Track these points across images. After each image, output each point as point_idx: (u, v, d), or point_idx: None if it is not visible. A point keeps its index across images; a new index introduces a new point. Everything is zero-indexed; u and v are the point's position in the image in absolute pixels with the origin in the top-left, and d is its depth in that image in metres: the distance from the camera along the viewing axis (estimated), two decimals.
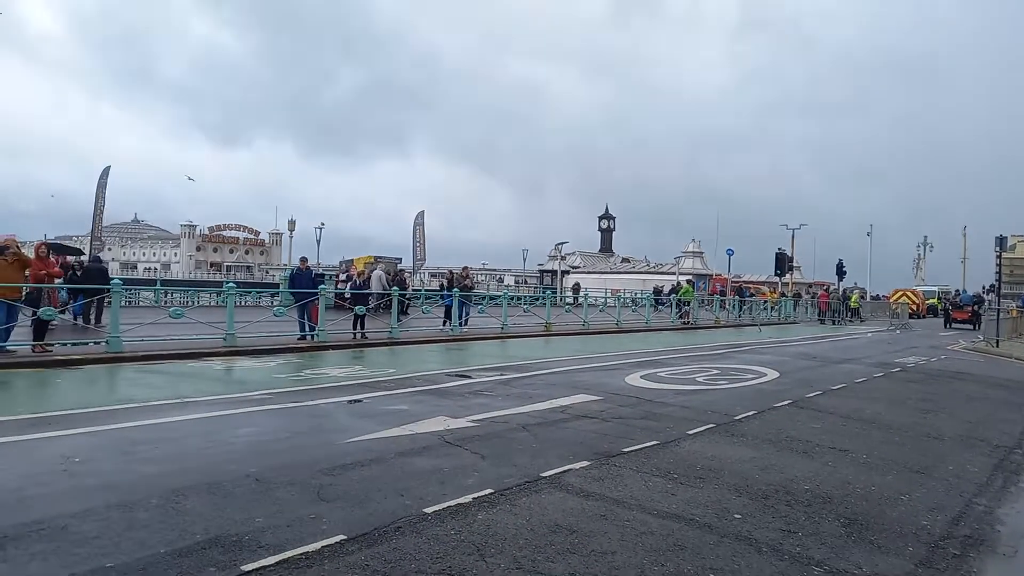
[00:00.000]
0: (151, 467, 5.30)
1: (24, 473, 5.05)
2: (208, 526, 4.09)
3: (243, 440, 6.35)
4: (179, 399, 8.36)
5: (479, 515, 4.46)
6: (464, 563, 3.69)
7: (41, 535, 3.87)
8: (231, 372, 11.33)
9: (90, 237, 41.40)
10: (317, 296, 16.00)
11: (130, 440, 6.14)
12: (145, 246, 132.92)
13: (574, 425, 7.46)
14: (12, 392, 8.92)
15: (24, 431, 6.37)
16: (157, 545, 3.79)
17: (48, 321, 11.90)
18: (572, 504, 4.78)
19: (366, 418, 7.50)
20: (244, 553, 3.71)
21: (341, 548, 3.84)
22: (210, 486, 4.82)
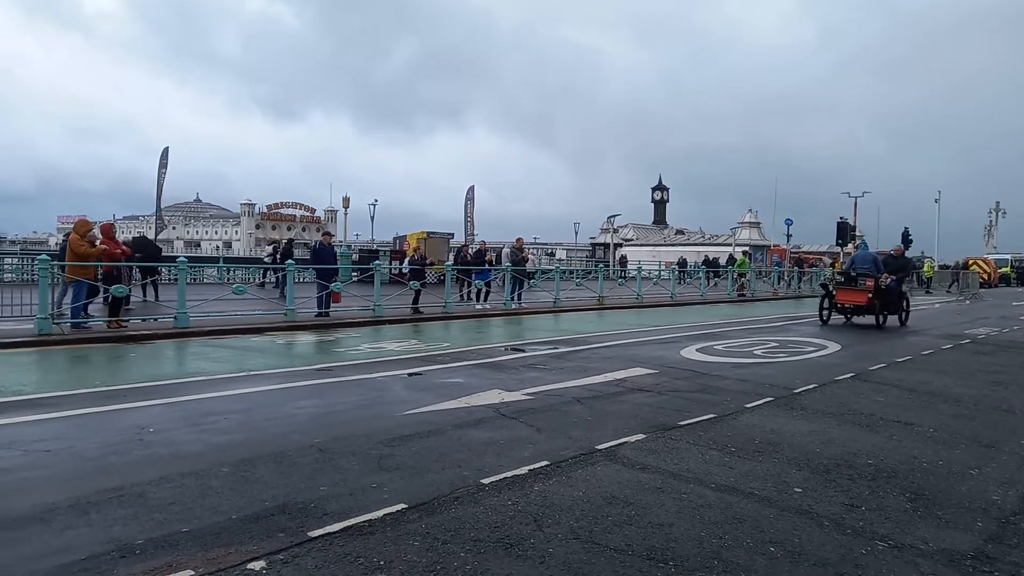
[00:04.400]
0: (221, 437, 5.53)
1: (103, 442, 5.33)
2: (276, 494, 4.25)
3: (306, 412, 6.56)
4: (244, 372, 8.67)
5: (535, 486, 4.52)
6: (522, 533, 3.75)
7: (121, 501, 4.09)
8: (292, 346, 11.67)
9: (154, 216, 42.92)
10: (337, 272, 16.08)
11: (200, 411, 6.41)
12: (207, 225, 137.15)
13: (629, 398, 7.44)
14: (90, 366, 9.39)
15: (102, 403, 6.71)
16: (228, 511, 3.96)
17: (121, 298, 12.44)
18: (628, 476, 4.79)
19: (423, 391, 7.63)
20: (310, 520, 3.85)
21: (402, 516, 3.94)
22: (276, 455, 5.00)
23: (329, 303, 15.49)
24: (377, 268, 16.83)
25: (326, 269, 16.00)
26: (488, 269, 19.79)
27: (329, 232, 19.32)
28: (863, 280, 16.01)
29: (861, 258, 17.25)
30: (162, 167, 36.17)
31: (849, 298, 16.35)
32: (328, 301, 15.45)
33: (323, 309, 15.33)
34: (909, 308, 17.54)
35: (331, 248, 17.38)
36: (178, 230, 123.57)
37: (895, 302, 16.60)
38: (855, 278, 16.26)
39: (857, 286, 16.13)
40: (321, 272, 15.99)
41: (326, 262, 16.33)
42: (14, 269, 26.64)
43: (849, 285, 16.40)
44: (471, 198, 45.63)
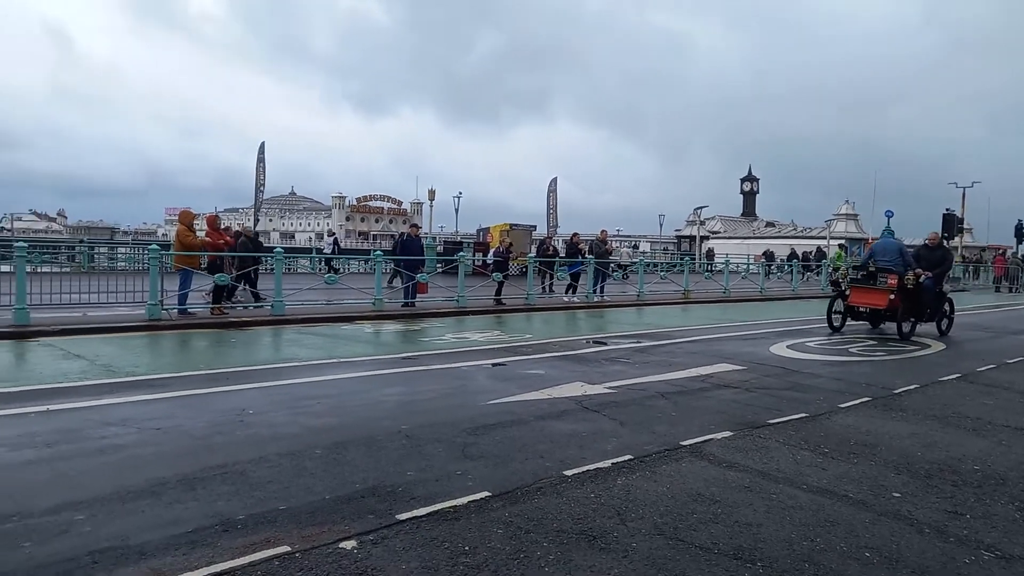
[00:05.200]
0: (314, 421, 5.78)
1: (208, 422, 5.67)
2: (366, 476, 4.40)
3: (394, 398, 6.75)
4: (336, 359, 9.00)
5: (618, 480, 4.50)
6: (605, 526, 3.75)
7: (224, 478, 4.33)
8: (380, 335, 12.02)
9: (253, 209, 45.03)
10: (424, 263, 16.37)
11: (295, 395, 6.71)
12: (301, 217, 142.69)
13: (715, 395, 7.28)
14: (195, 350, 9.98)
15: (207, 385, 7.13)
16: (322, 492, 4.14)
17: (224, 286, 13.14)
18: (714, 474, 4.70)
19: (506, 381, 7.71)
20: (398, 503, 3.97)
21: (486, 504, 4.01)
22: (366, 440, 5.18)
23: (415, 293, 15.85)
24: (461, 260, 17.08)
25: (413, 260, 16.38)
26: (579, 261, 19.71)
27: (416, 224, 19.77)
28: (883, 277, 12.42)
29: (882, 248, 13.10)
30: (260, 162, 37.84)
31: (865, 300, 12.73)
32: (414, 291, 15.81)
33: (409, 299, 15.71)
34: (953, 313, 13.74)
35: (418, 240, 17.76)
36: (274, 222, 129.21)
37: (930, 305, 12.86)
38: (873, 274, 12.62)
39: (876, 284, 12.53)
40: (408, 263, 16.37)
41: (413, 253, 16.71)
42: (127, 258, 28.58)
43: (866, 283, 12.75)
44: (554, 190, 45.54)
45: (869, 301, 12.69)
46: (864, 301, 12.77)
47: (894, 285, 12.23)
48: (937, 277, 12.97)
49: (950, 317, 13.60)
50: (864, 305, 12.78)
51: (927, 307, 12.82)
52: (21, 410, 5.80)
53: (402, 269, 16.35)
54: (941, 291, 13.21)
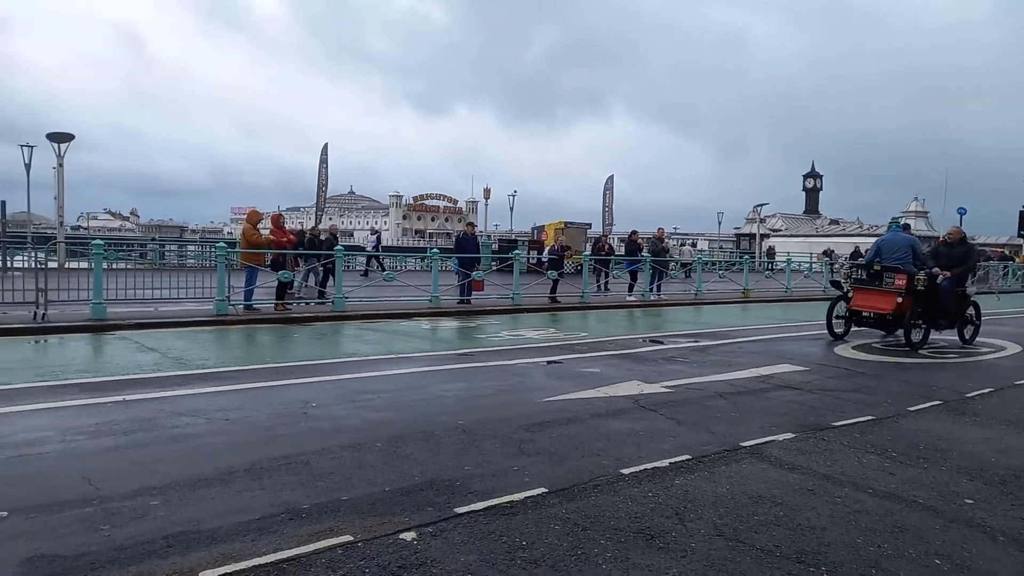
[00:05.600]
0: (374, 414, 5.90)
1: (273, 414, 5.85)
2: (424, 470, 4.48)
3: (451, 394, 6.83)
4: (394, 355, 9.16)
5: (676, 480, 4.45)
6: (663, 525, 3.72)
7: (289, 468, 4.47)
8: (436, 331, 12.17)
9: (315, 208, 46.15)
10: (479, 260, 16.48)
11: (356, 389, 6.86)
12: (359, 215, 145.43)
13: (776, 395, 7.13)
14: (260, 344, 10.30)
15: (272, 378, 7.35)
16: (382, 484, 4.23)
17: (287, 283, 13.52)
18: (775, 476, 4.60)
19: (562, 379, 7.72)
20: (456, 497, 4.03)
21: (543, 500, 4.03)
22: (425, 434, 5.26)
23: (470, 291, 15.99)
24: (516, 257, 17.13)
25: (468, 258, 16.52)
26: (638, 259, 19.53)
27: (472, 223, 19.98)
28: (890, 276, 10.75)
29: (890, 244, 11.14)
30: (322, 162, 38.73)
31: (869, 303, 11.00)
32: (470, 289, 15.95)
33: (465, 296, 15.85)
34: (979, 320, 11.76)
35: (474, 238, 17.91)
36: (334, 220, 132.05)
37: (948, 309, 10.94)
38: (879, 274, 10.93)
39: (882, 285, 10.84)
40: (463, 261, 16.52)
41: (468, 251, 16.86)
42: (195, 255, 29.68)
43: (871, 284, 11.01)
44: (610, 187, 45.19)
45: (873, 304, 10.95)
46: (868, 304, 11.05)
47: (902, 286, 10.52)
48: (957, 278, 11.03)
49: (975, 323, 11.67)
50: (868, 309, 11.03)
51: (945, 312, 10.93)
52: (100, 399, 6.10)
53: (459, 268, 16.54)
54: (964, 293, 11.32)
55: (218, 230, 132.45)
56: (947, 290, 10.84)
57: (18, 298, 11.22)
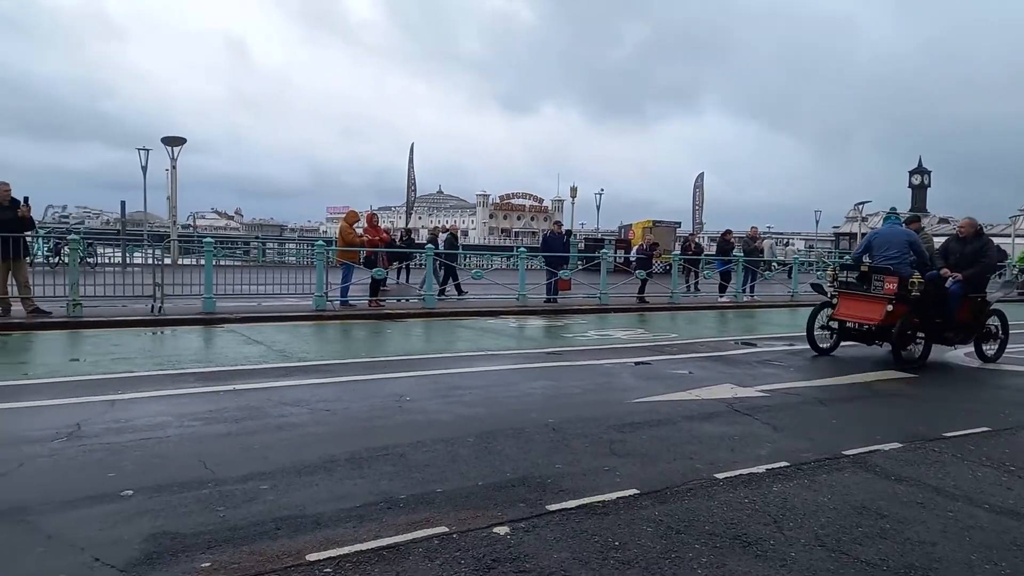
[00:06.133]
0: (465, 409, 6.02)
1: (370, 406, 6.07)
2: (515, 466, 4.54)
3: (539, 392, 6.88)
4: (483, 352, 9.31)
5: (774, 487, 4.33)
6: (760, 532, 3.63)
7: (386, 459, 4.63)
8: (524, 329, 12.26)
9: (405, 208, 47.38)
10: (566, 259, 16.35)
11: (447, 385, 7.02)
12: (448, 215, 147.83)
13: (880, 402, 6.80)
14: (356, 339, 10.68)
15: (367, 372, 7.62)
16: (475, 478, 4.31)
17: (381, 280, 13.96)
18: (881, 487, 4.40)
19: (651, 380, 7.63)
20: (547, 494, 4.06)
21: (635, 501, 4.01)
22: (515, 431, 5.33)
23: (557, 290, 16.01)
24: (603, 257, 17.03)
25: (555, 257, 16.54)
26: (730, 259, 19.03)
27: (559, 221, 19.98)
28: (879, 279, 8.88)
29: (883, 240, 9.12)
30: (410, 162, 39.73)
31: (854, 311, 9.12)
32: (556, 288, 15.98)
33: (551, 295, 15.88)
34: (1007, 333, 9.64)
35: (560, 236, 17.91)
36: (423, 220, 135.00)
37: (959, 320, 9.02)
38: (868, 275, 9.05)
39: (869, 290, 8.96)
40: (550, 260, 16.55)
41: (555, 250, 16.88)
42: (295, 253, 31.04)
43: (858, 288, 9.13)
44: (700, 185, 44.21)
45: (859, 313, 9.04)
46: (853, 313, 9.12)
47: (893, 291, 8.59)
48: (970, 281, 8.97)
49: (1000, 337, 9.59)
50: (852, 319, 9.13)
51: (954, 323, 8.99)
52: (213, 388, 6.50)
53: (546, 267, 16.62)
54: (982, 301, 9.33)
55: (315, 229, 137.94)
56: (957, 296, 8.92)
57: (137, 292, 12.05)
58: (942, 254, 9.36)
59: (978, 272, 9.08)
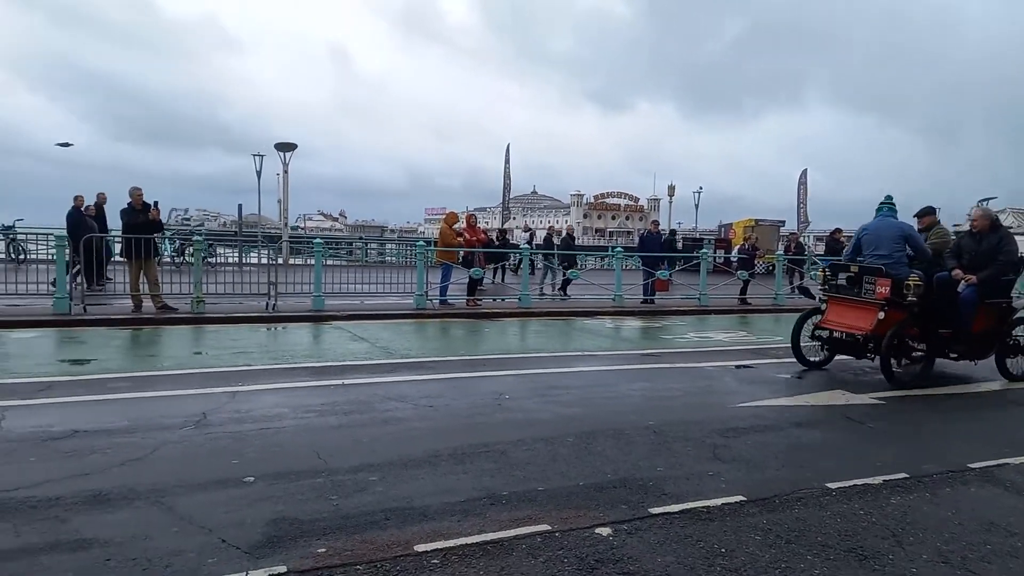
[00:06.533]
0: (564, 409, 6.04)
1: (470, 403, 6.19)
2: (616, 468, 4.52)
3: (638, 394, 6.81)
4: (580, 352, 9.30)
5: (892, 499, 4.11)
6: (878, 546, 3.46)
7: (488, 456, 4.71)
8: (620, 330, 12.15)
9: (500, 208, 47.91)
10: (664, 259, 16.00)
11: (545, 384, 7.06)
12: (541, 215, 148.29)
13: (1009, 413, 6.34)
14: (455, 337, 10.91)
15: (466, 369, 7.78)
16: (576, 478, 4.33)
17: (479, 280, 14.19)
18: (1012, 503, 4.10)
19: (755, 384, 7.39)
20: (650, 497, 4.02)
21: (741, 508, 3.91)
22: (615, 432, 5.30)
23: (654, 290, 15.77)
24: (703, 257, 16.62)
25: (652, 257, 16.29)
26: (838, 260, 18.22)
27: (656, 221, 19.67)
28: (871, 282, 7.58)
29: (872, 236, 7.81)
30: (506, 162, 40.14)
31: (842, 319, 7.90)
32: (653, 288, 15.73)
33: (648, 296, 15.65)
34: None
35: (658, 236, 17.63)
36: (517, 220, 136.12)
37: (971, 332, 7.60)
38: (859, 277, 7.77)
39: (861, 294, 7.70)
40: (647, 260, 16.32)
41: (652, 250, 16.63)
42: (395, 253, 32.01)
43: (848, 292, 7.89)
44: (804, 182, 42.34)
45: (847, 321, 7.79)
46: (841, 321, 7.88)
47: (885, 295, 7.35)
48: (987, 284, 7.56)
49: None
50: (840, 328, 7.83)
51: (968, 335, 7.60)
52: (324, 382, 6.81)
53: (643, 267, 16.41)
54: (1006, 308, 7.90)
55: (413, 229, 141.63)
56: (971, 302, 7.50)
57: (253, 290, 12.78)
58: (954, 253, 7.98)
59: (995, 273, 7.62)
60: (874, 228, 7.85)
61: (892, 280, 7.31)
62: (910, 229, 7.80)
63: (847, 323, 7.76)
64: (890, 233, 7.63)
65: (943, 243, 8.19)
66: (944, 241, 8.24)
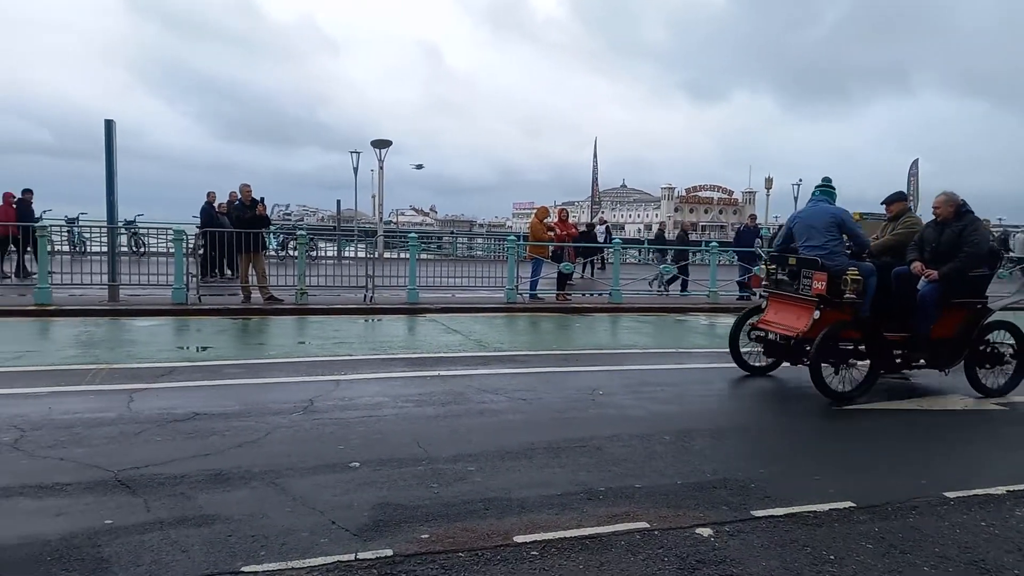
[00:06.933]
0: (659, 407, 5.96)
1: (564, 398, 6.21)
2: (715, 468, 4.43)
3: (736, 392, 6.64)
4: (673, 349, 9.17)
5: (1017, 511, 3.85)
6: (1001, 560, 3.25)
7: (583, 450, 4.72)
8: (715, 327, 11.84)
9: (589, 202, 47.66)
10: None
11: (639, 380, 6.99)
12: (631, 209, 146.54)
13: None
14: (545, 331, 10.95)
15: (559, 364, 7.80)
16: (673, 476, 4.27)
17: (568, 274, 14.18)
18: None
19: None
20: (752, 499, 3.92)
21: (850, 514, 3.75)
22: (712, 431, 5.19)
23: (751, 286, 15.28)
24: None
25: (749, 252, 15.81)
26: None
27: (754, 215, 19.07)
28: (808, 276, 6.61)
29: (803, 224, 6.94)
30: (594, 156, 39.86)
31: (778, 319, 6.94)
32: (750, 284, 15.25)
33: (744, 293, 15.18)
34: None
35: (755, 231, 17.11)
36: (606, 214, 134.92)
37: (935, 336, 6.57)
38: (797, 272, 6.77)
39: (798, 290, 6.74)
40: (743, 255, 15.84)
41: (749, 245, 16.14)
42: (483, 247, 32.42)
43: (787, 288, 6.94)
44: (915, 173, 39.91)
45: (782, 322, 6.83)
46: (776, 321, 6.92)
47: (822, 291, 6.41)
48: (950, 279, 6.42)
49: (1012, 360, 6.84)
50: (775, 329, 6.83)
51: (926, 341, 6.55)
52: (421, 373, 6.99)
53: (739, 262, 15.92)
54: (980, 309, 6.75)
55: (501, 224, 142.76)
56: (930, 301, 6.46)
57: (350, 282, 13.25)
58: (916, 245, 6.81)
59: (959, 267, 6.41)
60: (806, 215, 7.00)
61: (828, 274, 6.37)
62: (844, 215, 6.80)
63: (784, 323, 6.80)
64: (822, 221, 6.67)
65: (909, 234, 7.00)
66: (910, 232, 7.03)
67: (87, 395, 5.73)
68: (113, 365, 6.86)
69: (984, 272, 6.74)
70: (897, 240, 7.09)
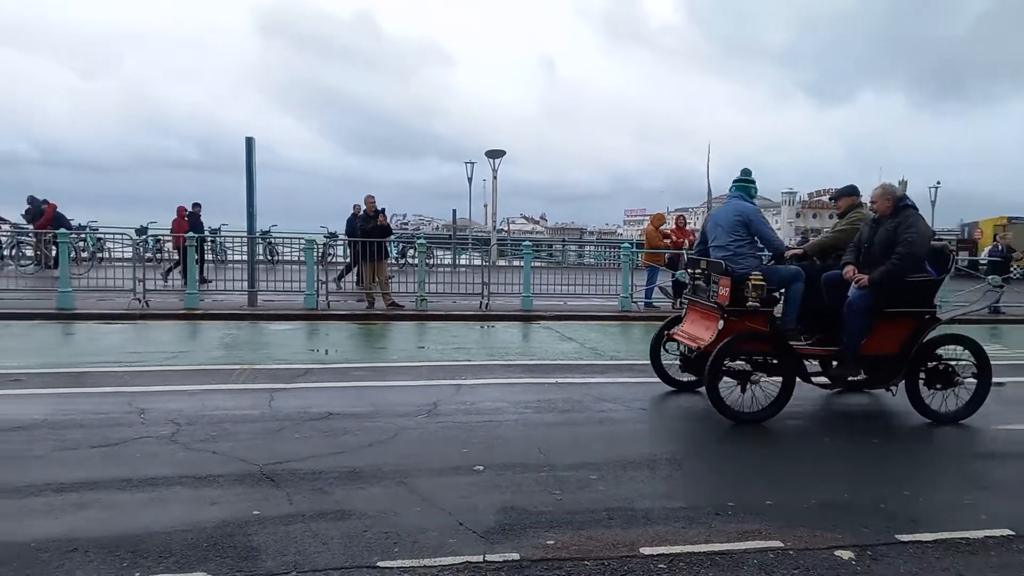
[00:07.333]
0: (788, 421, 5.66)
1: (683, 409, 6.07)
2: (853, 488, 4.17)
3: (871, 409, 6.25)
4: None
5: None
6: None
7: (705, 463, 4.59)
8: None
9: (703, 208, 46.41)
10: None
11: None
12: None
13: None
14: None
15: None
16: (808, 494, 4.06)
17: (683, 282, 13.84)
18: None
19: (1015, 405, 6.46)
20: (897, 522, 3.67)
21: (1008, 543, 3.45)
22: (849, 449, 4.93)
23: None
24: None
25: None
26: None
27: None
28: (715, 280, 5.94)
29: (712, 224, 6.29)
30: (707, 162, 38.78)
31: (691, 330, 6.26)
32: None
33: None
34: (986, 373, 5.76)
35: None
36: None
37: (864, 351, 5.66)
38: (708, 276, 6.12)
39: (708, 298, 6.09)
40: None
41: None
42: (595, 255, 32.31)
43: (700, 296, 6.29)
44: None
45: (694, 333, 6.16)
46: (688, 332, 6.29)
47: (725, 297, 5.73)
48: (882, 285, 5.54)
49: (961, 380, 5.83)
50: (687, 340, 6.15)
51: (856, 356, 5.71)
52: (538, 380, 7.05)
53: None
54: (930, 318, 5.81)
55: (612, 231, 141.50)
56: (860, 310, 5.59)
57: (466, 289, 13.56)
58: (855, 246, 5.99)
59: (892, 271, 5.52)
60: (716, 214, 6.44)
61: (731, 279, 5.73)
62: (752, 212, 6.10)
63: (693, 334, 6.17)
64: (728, 220, 6.02)
65: (850, 232, 6.20)
66: (852, 230, 6.20)
67: (233, 393, 6.19)
68: (255, 366, 7.35)
69: (929, 277, 5.83)
70: (836, 239, 6.37)
